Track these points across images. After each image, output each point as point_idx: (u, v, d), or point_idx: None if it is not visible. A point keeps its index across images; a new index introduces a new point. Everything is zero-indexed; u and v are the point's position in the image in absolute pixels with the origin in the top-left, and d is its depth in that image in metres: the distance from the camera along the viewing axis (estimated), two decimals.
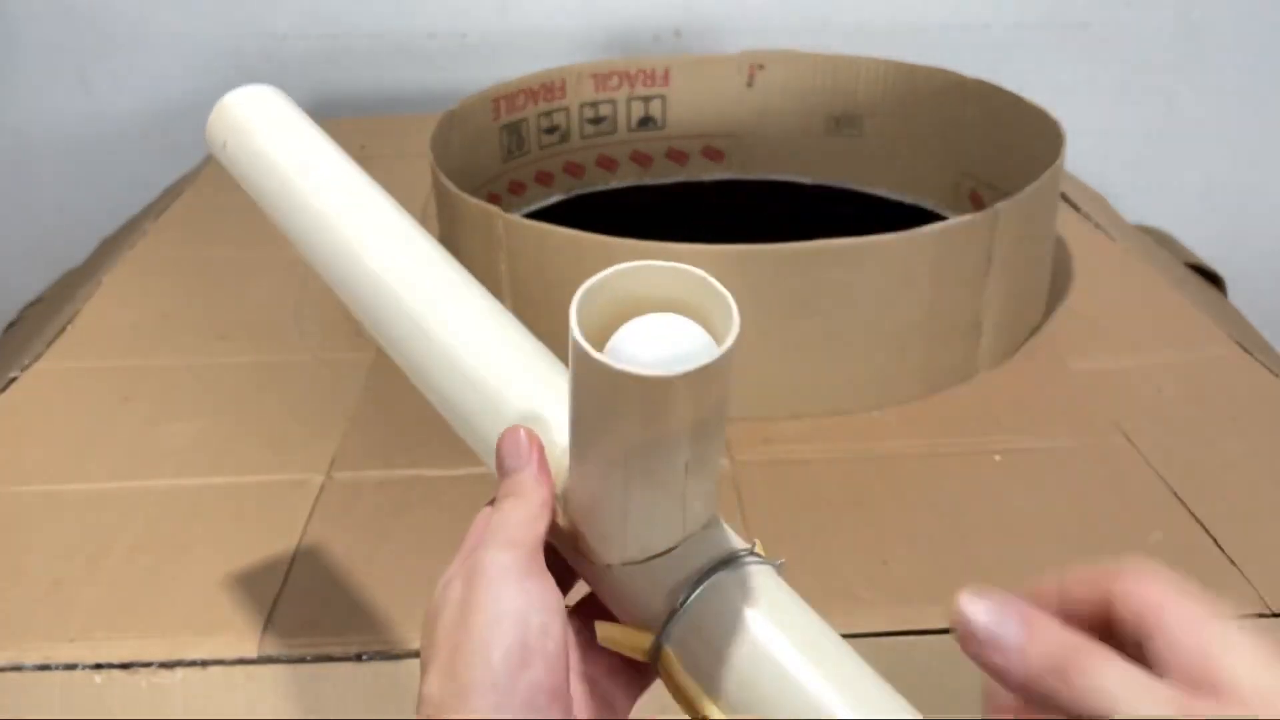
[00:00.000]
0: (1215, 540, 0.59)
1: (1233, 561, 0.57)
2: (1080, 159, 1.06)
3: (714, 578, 0.33)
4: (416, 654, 0.53)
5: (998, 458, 0.67)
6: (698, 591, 0.33)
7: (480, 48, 1.25)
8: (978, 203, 0.94)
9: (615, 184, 1.02)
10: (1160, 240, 1.11)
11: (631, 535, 0.33)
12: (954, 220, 0.70)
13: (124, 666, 0.53)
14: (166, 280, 0.90)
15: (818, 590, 0.33)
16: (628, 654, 0.34)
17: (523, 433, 0.35)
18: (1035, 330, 0.81)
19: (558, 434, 0.36)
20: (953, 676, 0.53)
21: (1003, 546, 0.59)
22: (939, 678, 0.54)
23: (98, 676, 0.52)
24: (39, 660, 0.53)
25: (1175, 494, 0.63)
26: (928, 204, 0.99)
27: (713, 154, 1.05)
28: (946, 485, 0.64)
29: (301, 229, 0.44)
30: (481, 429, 0.38)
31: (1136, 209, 1.26)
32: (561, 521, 0.35)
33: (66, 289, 1.01)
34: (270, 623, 0.54)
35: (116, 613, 0.55)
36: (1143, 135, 1.33)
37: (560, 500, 0.35)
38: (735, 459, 0.66)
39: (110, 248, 1.04)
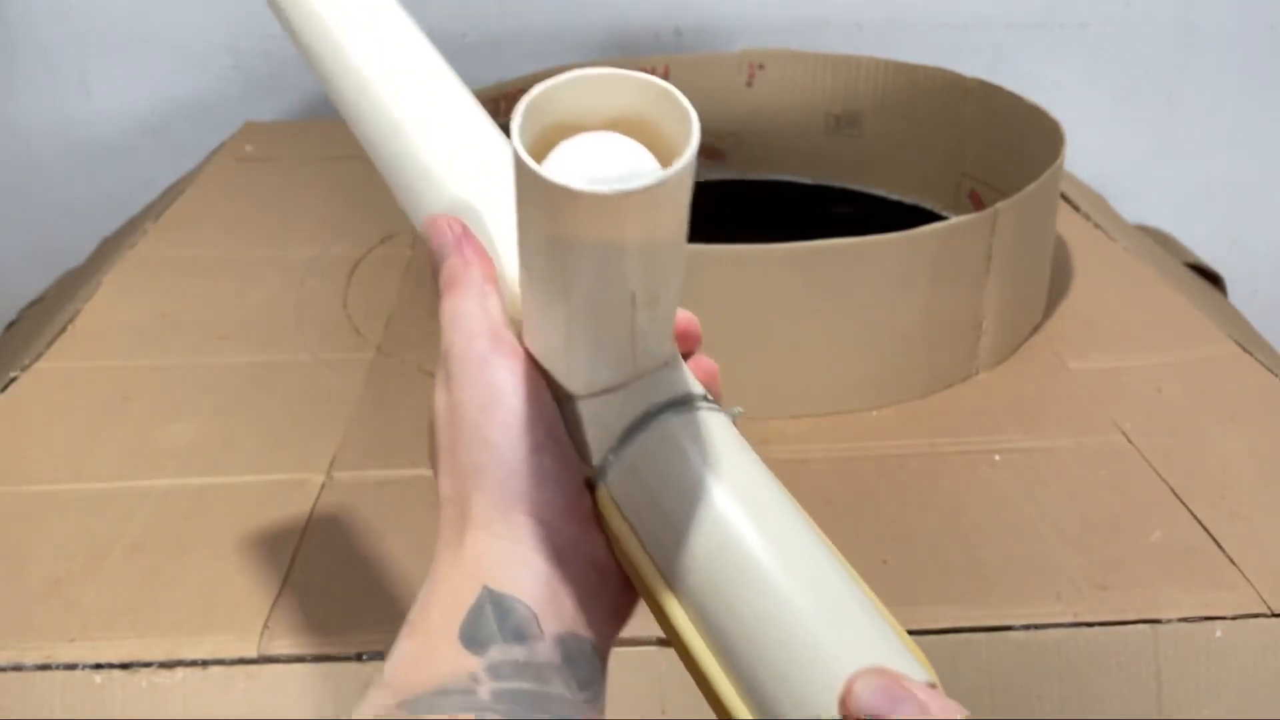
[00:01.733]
0: (1215, 540, 0.59)
1: (1232, 561, 0.57)
2: (1080, 159, 1.06)
3: (658, 420, 0.32)
4: None
5: (997, 457, 0.67)
6: (638, 433, 0.32)
7: (480, 48, 1.25)
8: (977, 202, 0.94)
9: None
10: (1160, 240, 1.11)
11: (576, 366, 0.32)
12: (954, 220, 0.70)
13: (124, 666, 0.53)
14: (167, 280, 0.90)
15: None
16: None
17: (443, 221, 0.36)
18: (1035, 330, 0.81)
19: (498, 224, 0.35)
20: (953, 677, 0.53)
21: (1002, 546, 0.59)
22: (939, 678, 0.54)
23: (98, 676, 0.52)
24: (39, 660, 0.53)
25: (1175, 493, 0.63)
26: (927, 204, 0.99)
27: (713, 154, 1.05)
28: (946, 485, 0.64)
29: (316, 45, 0.42)
30: (421, 206, 0.38)
31: (1136, 209, 1.26)
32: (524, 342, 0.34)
33: (67, 289, 1.01)
34: (270, 622, 0.55)
35: (117, 612, 0.55)
36: (1143, 135, 1.33)
37: (515, 325, 0.34)
38: None
39: (110, 248, 1.04)
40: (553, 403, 0.33)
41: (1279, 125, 1.34)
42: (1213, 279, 1.04)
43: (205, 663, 0.53)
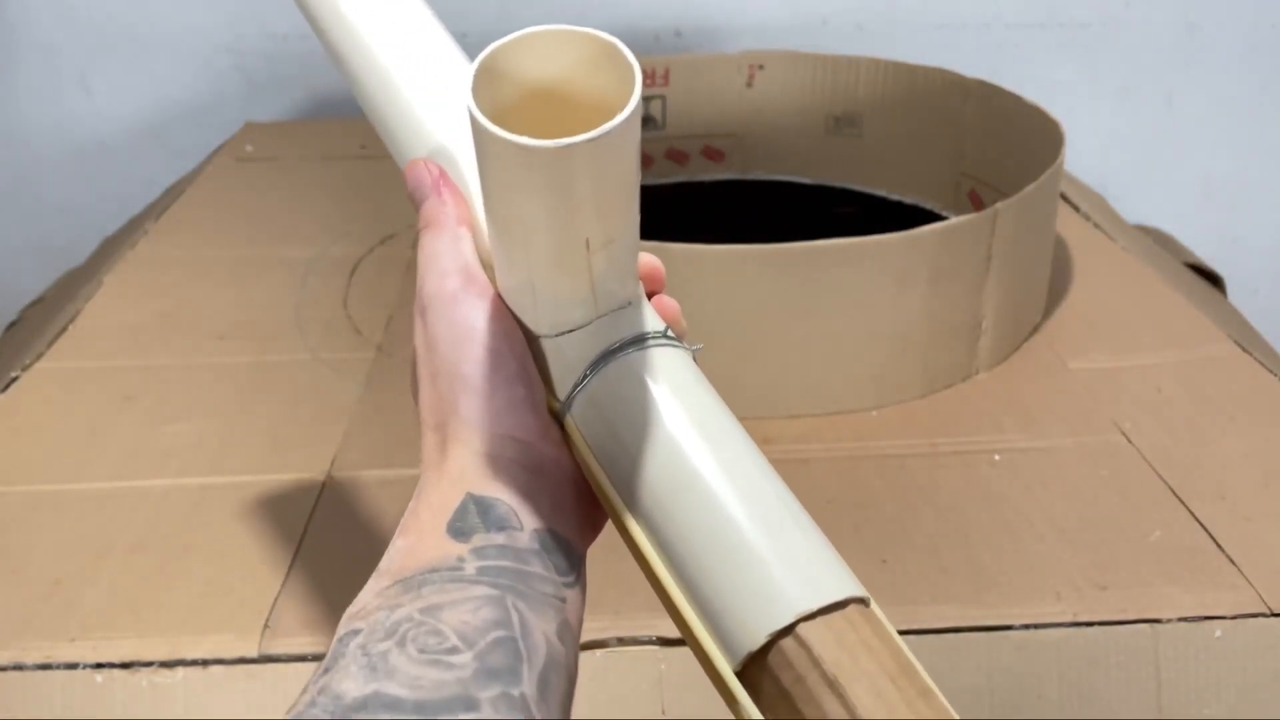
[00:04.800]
0: (1214, 539, 0.59)
1: (1232, 561, 0.57)
2: (1080, 159, 1.07)
3: (618, 355, 0.34)
4: None
5: (997, 457, 0.67)
6: (599, 367, 0.34)
7: (480, 48, 1.25)
8: (977, 202, 0.94)
9: None
10: (1160, 240, 1.11)
11: (542, 309, 0.34)
12: (954, 220, 0.70)
13: (125, 666, 0.53)
14: (167, 280, 0.90)
15: None
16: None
17: (423, 164, 0.38)
18: (1035, 330, 0.81)
19: (475, 170, 0.37)
20: (953, 676, 0.53)
21: (1002, 546, 0.59)
22: (939, 677, 0.54)
23: (99, 676, 0.53)
24: (40, 660, 0.53)
25: (1174, 493, 0.63)
26: (927, 204, 0.99)
27: (713, 154, 1.05)
28: (946, 485, 0.64)
29: (330, 26, 0.45)
30: (406, 153, 0.41)
31: (1136, 209, 1.26)
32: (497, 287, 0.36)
33: (67, 289, 1.01)
34: (271, 622, 0.55)
35: (117, 612, 0.55)
36: (1143, 135, 1.33)
37: (488, 270, 0.36)
38: None
39: (111, 248, 1.04)
40: (523, 338, 0.35)
41: (1278, 125, 1.34)
42: (1212, 279, 1.04)
43: (206, 662, 0.53)
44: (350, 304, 0.86)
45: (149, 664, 0.53)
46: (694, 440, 0.32)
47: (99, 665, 0.53)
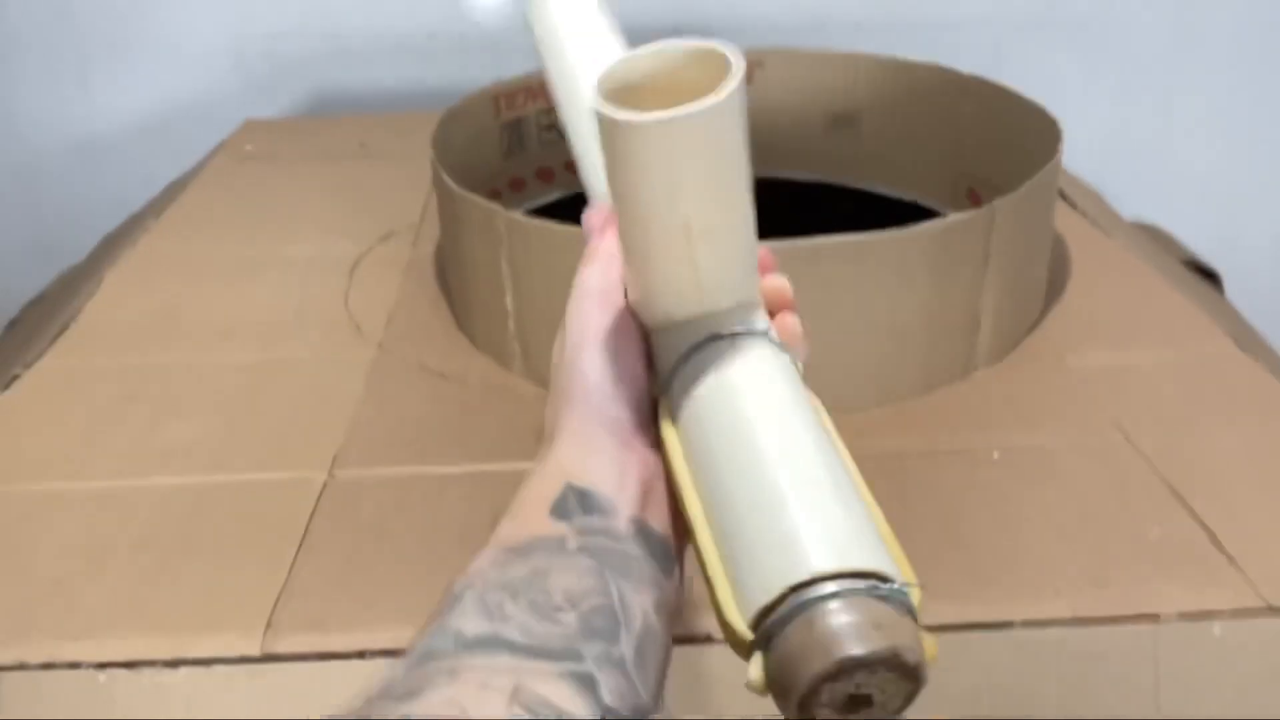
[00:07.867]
0: (1213, 537, 0.59)
1: (1231, 559, 0.57)
2: (1078, 157, 1.07)
3: (715, 343, 0.36)
4: None
5: (996, 455, 0.67)
6: (698, 351, 0.36)
7: (480, 47, 1.25)
8: (975, 200, 0.94)
9: None
10: (1157, 238, 1.11)
11: (655, 301, 0.36)
12: (952, 217, 0.70)
13: (127, 665, 0.53)
14: (168, 278, 0.91)
15: None
16: None
17: (594, 210, 0.43)
18: (1033, 327, 0.81)
19: None
20: (952, 676, 0.53)
21: (1001, 543, 0.59)
22: (938, 677, 0.54)
23: (101, 675, 0.53)
24: (43, 659, 0.53)
25: (1173, 491, 0.63)
26: (926, 201, 0.99)
27: None
28: (945, 483, 0.64)
29: (561, 89, 0.52)
30: (592, 191, 0.46)
31: (1134, 207, 1.26)
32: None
33: (68, 287, 1.01)
34: (273, 621, 0.55)
35: (120, 611, 0.56)
36: (1141, 133, 1.33)
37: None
38: None
39: (111, 246, 1.04)
40: (640, 342, 0.38)
41: (1276, 124, 1.34)
42: (1210, 277, 1.04)
43: (208, 661, 0.53)
44: (351, 302, 0.86)
45: (152, 663, 0.53)
46: (765, 416, 0.34)
47: (102, 665, 0.53)
